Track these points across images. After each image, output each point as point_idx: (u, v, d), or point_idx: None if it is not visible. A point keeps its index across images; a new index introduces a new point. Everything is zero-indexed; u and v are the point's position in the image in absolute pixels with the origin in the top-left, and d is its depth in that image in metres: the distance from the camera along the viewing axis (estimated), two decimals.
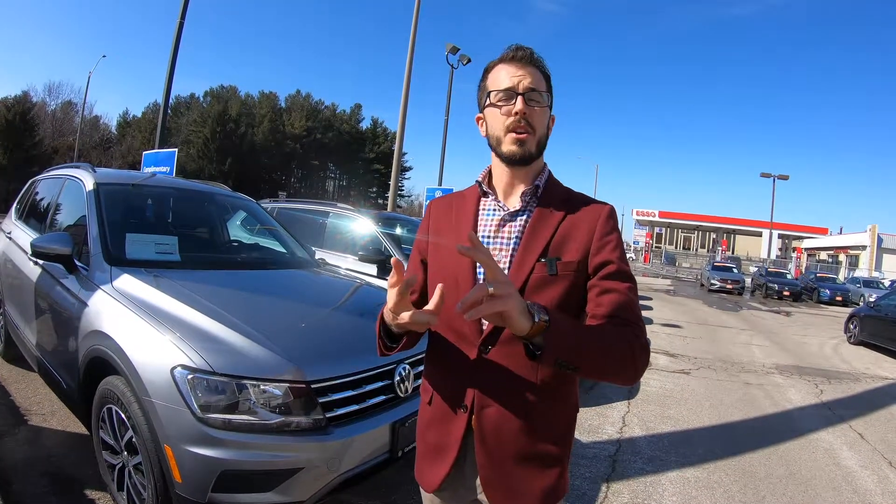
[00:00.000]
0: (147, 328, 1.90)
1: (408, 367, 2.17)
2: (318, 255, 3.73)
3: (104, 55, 39.65)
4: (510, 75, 1.03)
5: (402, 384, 2.12)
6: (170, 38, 8.93)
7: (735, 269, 23.15)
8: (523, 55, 1.05)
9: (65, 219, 3.15)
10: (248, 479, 1.70)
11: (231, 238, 3.69)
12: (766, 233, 39.87)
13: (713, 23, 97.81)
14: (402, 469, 2.13)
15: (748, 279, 23.75)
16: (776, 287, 20.20)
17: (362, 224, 5.01)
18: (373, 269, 4.40)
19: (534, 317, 0.82)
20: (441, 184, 16.89)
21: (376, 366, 2.04)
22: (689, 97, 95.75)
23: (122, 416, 1.89)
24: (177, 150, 8.86)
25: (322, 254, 4.16)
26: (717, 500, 2.87)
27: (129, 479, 1.95)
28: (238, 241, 3.66)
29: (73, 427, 2.76)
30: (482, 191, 1.13)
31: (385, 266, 4.43)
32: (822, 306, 19.34)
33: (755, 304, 16.96)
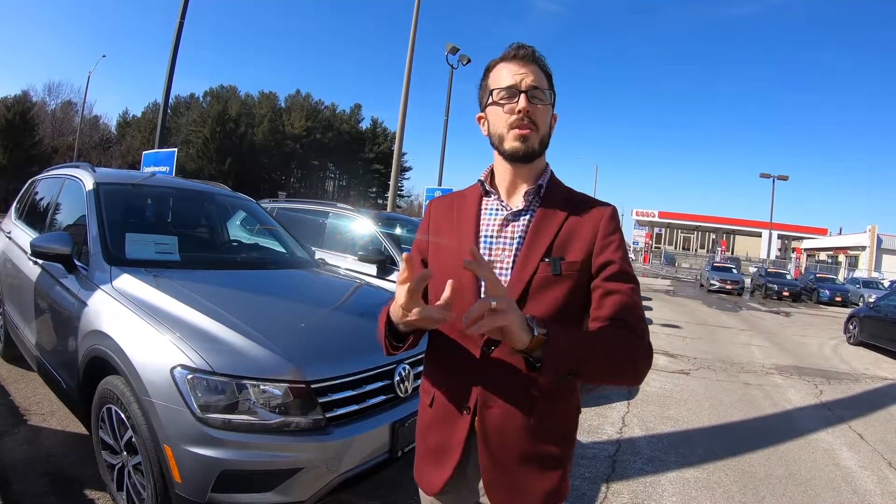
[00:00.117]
0: (147, 328, 1.90)
1: (408, 367, 2.17)
2: (317, 255, 3.72)
3: (104, 55, 39.69)
4: (512, 73, 1.02)
5: (401, 384, 2.12)
6: (170, 38, 8.94)
7: (734, 270, 23.15)
8: (525, 53, 1.04)
9: (64, 218, 3.15)
10: (247, 479, 1.70)
11: (231, 238, 3.69)
12: (766, 233, 39.92)
13: (713, 23, 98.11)
14: (401, 469, 2.13)
15: (748, 280, 23.74)
16: (776, 287, 20.21)
17: (362, 224, 5.01)
18: (372, 269, 4.40)
19: (533, 331, 0.83)
20: (441, 184, 16.88)
21: (376, 366, 2.04)
22: (689, 97, 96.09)
23: (122, 415, 1.89)
24: (176, 149, 8.86)
25: (322, 254, 4.16)
26: (717, 501, 2.87)
27: (129, 479, 1.95)
28: (238, 241, 3.66)
29: (73, 427, 2.76)
30: (484, 190, 1.12)
31: (385, 266, 4.44)
32: (821, 307, 19.34)
33: (755, 305, 16.97)
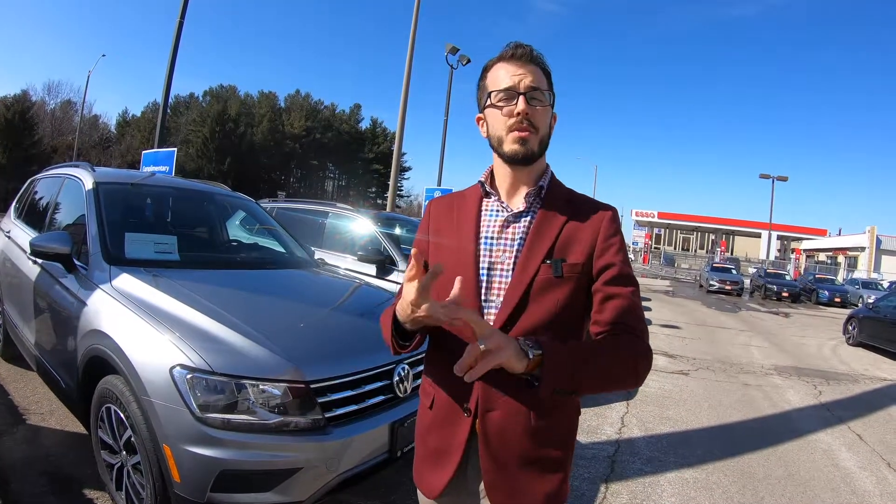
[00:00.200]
0: (146, 327, 1.90)
1: (407, 367, 2.17)
2: (317, 255, 3.72)
3: (104, 54, 39.54)
4: (510, 74, 1.01)
5: (401, 384, 2.12)
6: (169, 38, 8.94)
7: (734, 271, 23.18)
8: (523, 53, 1.02)
9: (64, 218, 3.15)
10: (246, 479, 1.70)
11: (230, 238, 3.69)
12: (765, 234, 39.87)
13: (713, 23, 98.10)
14: (401, 469, 2.13)
15: (747, 280, 23.75)
16: (775, 288, 20.23)
17: (361, 224, 5.01)
18: (372, 269, 4.41)
19: (528, 354, 0.84)
20: (440, 184, 16.86)
21: (375, 366, 2.05)
22: (689, 97, 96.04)
23: (121, 415, 1.89)
24: (176, 149, 8.86)
25: (321, 254, 4.16)
26: (716, 501, 2.87)
27: (128, 479, 1.95)
28: (237, 241, 3.66)
29: (72, 426, 2.76)
30: (485, 191, 1.11)
31: (384, 266, 4.44)
32: (820, 307, 19.36)
33: (754, 306, 16.98)
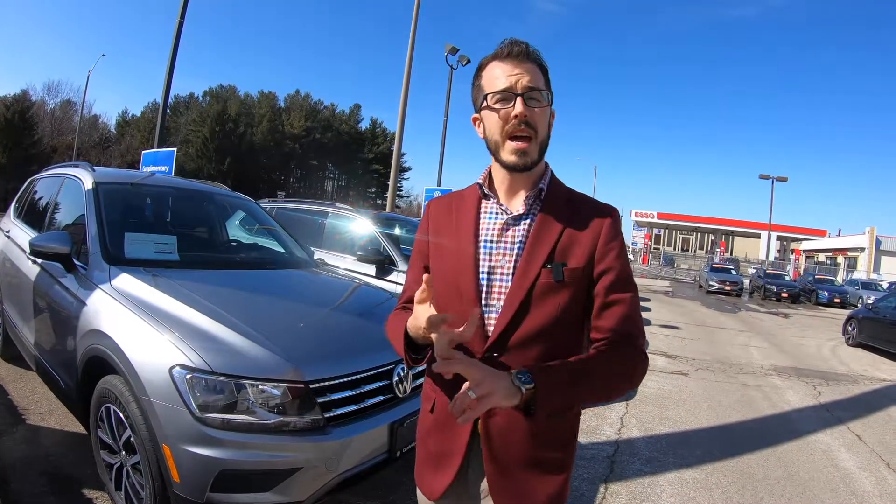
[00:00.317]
0: (146, 327, 1.90)
1: (406, 367, 2.17)
2: (316, 255, 3.72)
3: (103, 54, 39.62)
4: (506, 74, 0.98)
5: (400, 384, 2.12)
6: (169, 38, 8.92)
7: (733, 271, 23.21)
8: (519, 50, 0.99)
9: (63, 218, 3.15)
10: (246, 479, 1.70)
11: (230, 238, 3.69)
12: (765, 234, 39.85)
13: (713, 23, 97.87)
14: (400, 469, 2.13)
15: (746, 281, 23.76)
16: (774, 289, 20.23)
17: (361, 224, 5.02)
18: (371, 270, 4.41)
19: (520, 389, 0.86)
20: (440, 184, 16.84)
21: (375, 366, 2.05)
22: (689, 97, 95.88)
23: (121, 415, 1.89)
24: (175, 149, 8.85)
25: (321, 254, 4.16)
26: (715, 502, 2.87)
27: (128, 479, 1.95)
28: (237, 241, 3.66)
29: (72, 426, 2.76)
30: (483, 193, 1.10)
31: (384, 266, 4.44)
32: (820, 308, 19.36)
33: (753, 306, 16.98)
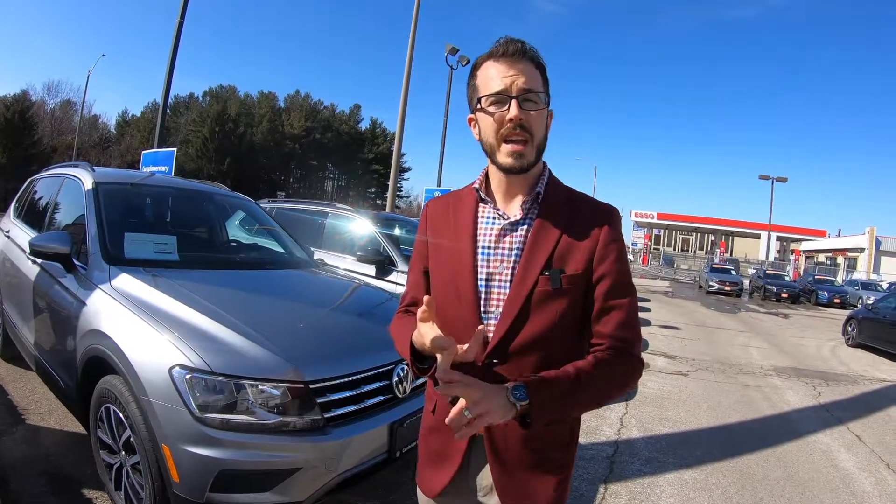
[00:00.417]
0: (145, 327, 1.90)
1: (406, 367, 2.17)
2: (316, 255, 3.72)
3: (103, 54, 39.62)
4: (502, 75, 0.95)
5: (400, 385, 2.12)
6: (169, 38, 8.91)
7: (733, 271, 23.20)
8: (515, 50, 0.96)
9: (63, 218, 3.15)
10: (246, 479, 1.70)
11: (230, 238, 3.69)
12: (765, 235, 39.85)
13: (713, 23, 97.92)
14: (400, 469, 2.14)
15: (746, 281, 23.79)
16: (774, 289, 20.22)
17: (361, 225, 5.01)
18: (371, 270, 4.41)
19: (515, 406, 0.87)
20: (440, 184, 16.84)
21: (375, 366, 2.05)
22: (689, 97, 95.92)
23: (120, 415, 1.89)
24: (175, 149, 8.85)
25: (320, 254, 4.16)
26: (715, 502, 2.87)
27: (127, 479, 1.95)
28: (237, 241, 3.66)
29: (71, 426, 2.76)
30: (480, 197, 1.08)
31: (384, 266, 4.44)
32: (820, 308, 19.36)
33: (753, 306, 16.98)
